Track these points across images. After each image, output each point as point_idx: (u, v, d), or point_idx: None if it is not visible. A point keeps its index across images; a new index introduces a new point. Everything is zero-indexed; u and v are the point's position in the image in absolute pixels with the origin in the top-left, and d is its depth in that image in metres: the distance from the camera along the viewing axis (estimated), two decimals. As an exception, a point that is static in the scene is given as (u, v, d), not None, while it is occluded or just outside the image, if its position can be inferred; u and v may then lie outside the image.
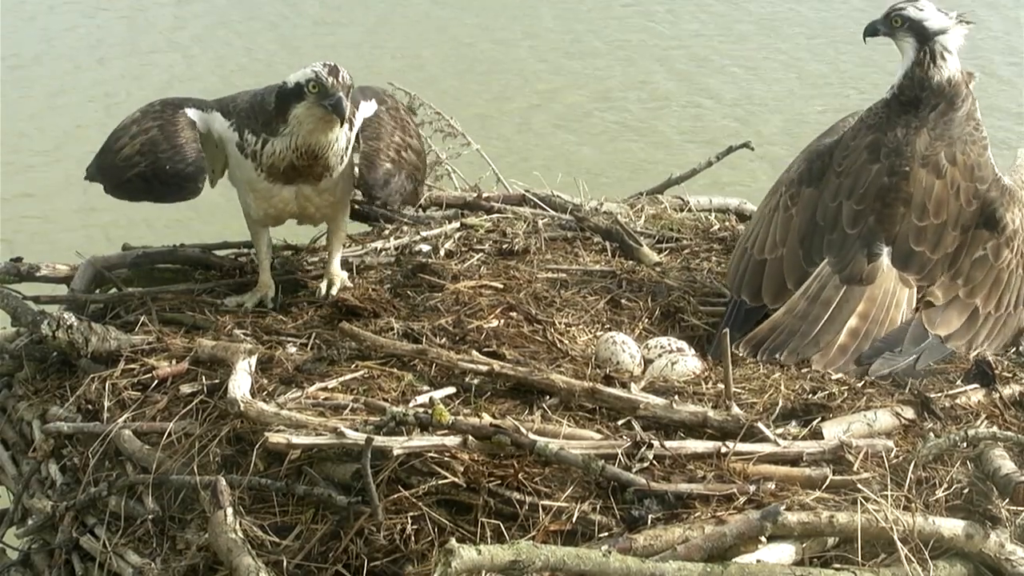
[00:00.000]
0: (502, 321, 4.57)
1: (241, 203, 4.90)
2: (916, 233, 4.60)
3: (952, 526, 3.53)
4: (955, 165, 4.62)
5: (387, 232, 5.67)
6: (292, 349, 4.36)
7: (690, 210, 6.14)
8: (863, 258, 4.59)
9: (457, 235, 5.54)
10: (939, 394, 4.12)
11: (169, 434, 3.98)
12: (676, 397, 3.97)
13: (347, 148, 4.70)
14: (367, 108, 4.84)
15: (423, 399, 3.90)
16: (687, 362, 4.39)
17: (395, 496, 3.52)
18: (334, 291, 4.86)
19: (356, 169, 4.82)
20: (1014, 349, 4.67)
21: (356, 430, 3.62)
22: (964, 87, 4.70)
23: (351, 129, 4.71)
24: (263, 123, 4.57)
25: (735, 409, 3.88)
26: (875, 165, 4.67)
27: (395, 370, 4.17)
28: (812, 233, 4.73)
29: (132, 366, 4.41)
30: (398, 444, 3.52)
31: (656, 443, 3.62)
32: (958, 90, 4.68)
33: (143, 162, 4.59)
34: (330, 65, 4.46)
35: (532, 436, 3.59)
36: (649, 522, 3.42)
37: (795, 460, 3.68)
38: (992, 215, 4.61)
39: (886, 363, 4.37)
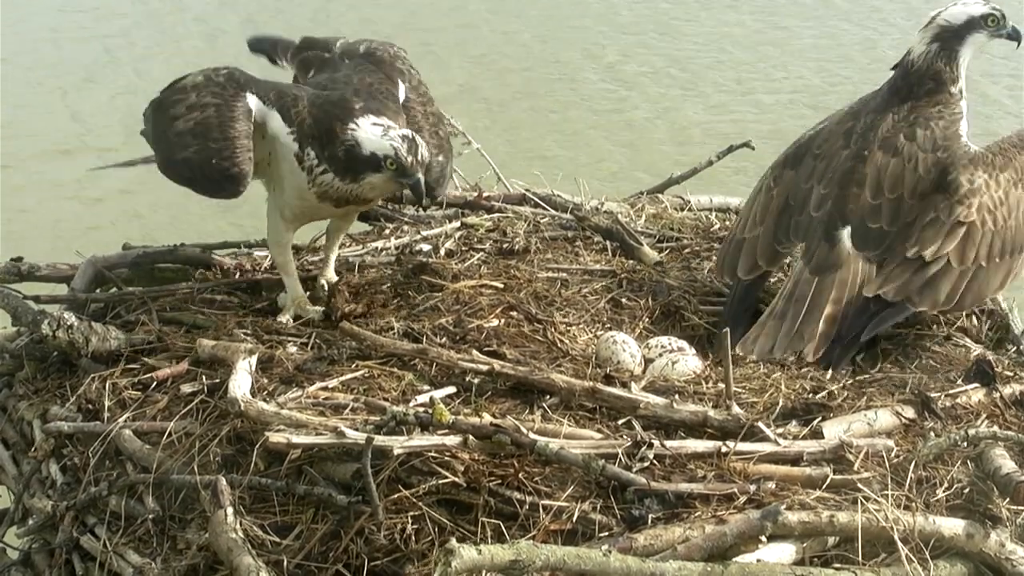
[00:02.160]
0: (502, 320, 4.57)
1: (275, 200, 4.74)
2: (871, 211, 4.66)
3: (952, 526, 3.53)
4: (913, 141, 4.70)
5: (387, 232, 5.67)
6: (292, 349, 4.36)
7: (691, 209, 6.14)
8: (825, 243, 4.67)
9: (457, 234, 5.54)
10: (939, 394, 4.12)
11: (169, 434, 3.98)
12: (676, 397, 3.97)
13: None
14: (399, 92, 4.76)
15: (423, 399, 3.90)
16: (687, 362, 4.39)
17: (395, 496, 3.52)
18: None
19: None
20: (1014, 348, 4.68)
21: (356, 430, 3.62)
22: (952, 84, 4.78)
23: None
24: (329, 155, 4.42)
25: (735, 409, 3.88)
26: (845, 151, 4.80)
27: (395, 370, 4.17)
28: (784, 213, 4.85)
29: (132, 366, 4.42)
30: (398, 444, 3.52)
31: (656, 443, 3.62)
32: (942, 84, 4.78)
33: (193, 145, 4.39)
34: (409, 139, 4.35)
35: (532, 436, 3.59)
36: (649, 522, 3.42)
37: (795, 460, 3.68)
38: (944, 177, 4.64)
39: (844, 353, 4.44)
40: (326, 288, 4.86)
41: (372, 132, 4.37)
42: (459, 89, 13.11)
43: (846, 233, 4.65)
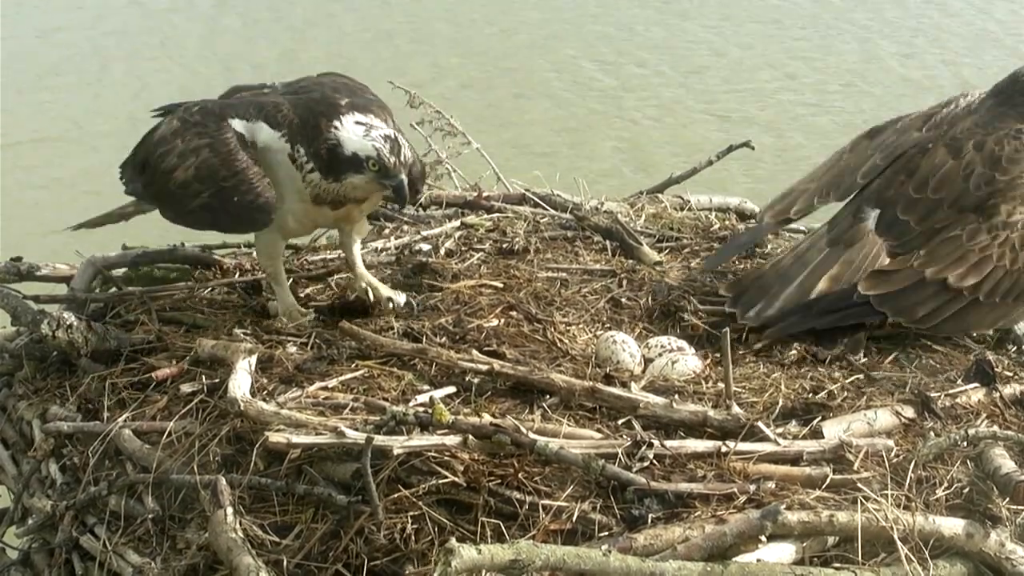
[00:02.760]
0: (502, 320, 4.57)
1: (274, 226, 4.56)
2: (907, 203, 4.64)
3: (952, 525, 3.53)
4: (980, 151, 4.62)
5: (387, 231, 5.67)
6: (292, 348, 4.35)
7: (690, 209, 6.14)
8: (850, 216, 4.69)
9: (457, 234, 5.54)
10: (939, 393, 4.12)
11: (169, 433, 3.98)
12: (676, 396, 3.97)
13: None
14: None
15: (423, 398, 3.90)
16: (687, 361, 4.39)
17: (395, 495, 3.52)
18: (399, 298, 4.67)
19: None
20: (1015, 348, 4.67)
21: (356, 429, 3.62)
22: None
23: None
24: (314, 152, 4.34)
25: (735, 408, 3.88)
26: (917, 135, 4.77)
27: (395, 369, 4.17)
28: (839, 174, 4.88)
29: (132, 366, 4.42)
30: (398, 443, 3.52)
31: (656, 442, 3.62)
32: None
33: (205, 191, 4.31)
34: (391, 140, 4.28)
35: (532, 435, 3.59)
36: (649, 521, 3.42)
37: (795, 459, 3.68)
38: (986, 200, 4.57)
39: (795, 327, 4.49)
40: (370, 292, 4.70)
41: (354, 132, 4.31)
42: (460, 89, 13.13)
43: (874, 215, 4.65)
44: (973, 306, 4.50)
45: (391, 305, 4.63)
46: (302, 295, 4.92)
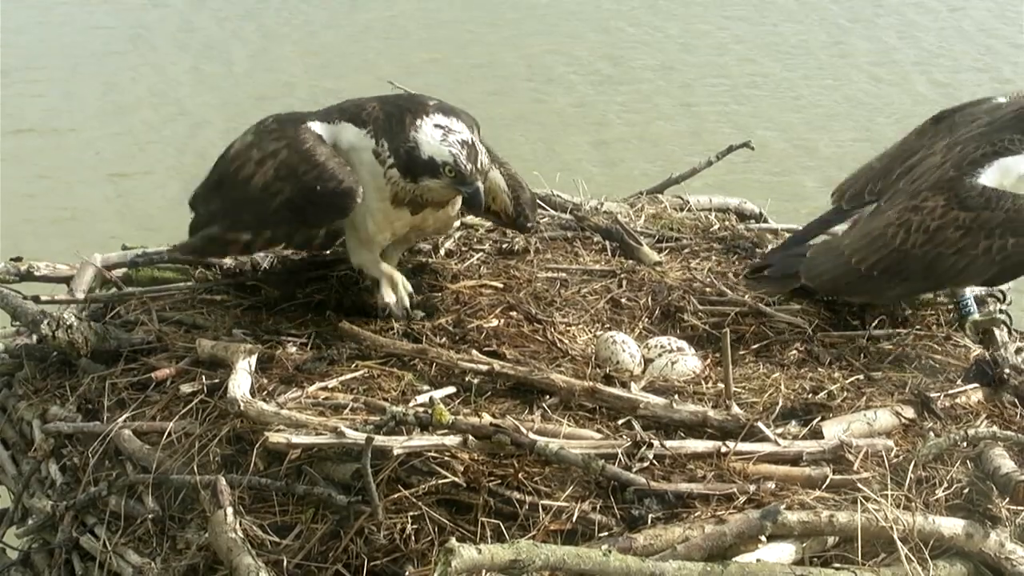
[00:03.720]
0: (502, 320, 4.57)
1: (355, 223, 4.52)
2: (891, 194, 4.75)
3: (952, 525, 3.53)
4: (958, 152, 4.62)
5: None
6: (292, 349, 4.35)
7: (690, 209, 6.13)
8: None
9: (457, 234, 5.53)
10: (939, 394, 4.12)
11: (169, 434, 3.98)
12: (676, 397, 3.97)
13: None
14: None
15: (423, 399, 3.90)
16: (687, 362, 4.39)
17: (395, 496, 3.52)
18: (396, 308, 4.56)
19: (494, 190, 4.65)
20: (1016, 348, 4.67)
21: (356, 430, 3.62)
22: None
23: None
24: (394, 149, 4.30)
25: (735, 408, 3.88)
26: (971, 132, 4.71)
27: (395, 369, 4.17)
28: (892, 160, 4.91)
29: (132, 366, 4.41)
30: (398, 444, 3.52)
31: (656, 443, 3.62)
32: None
33: (286, 187, 4.30)
34: (469, 146, 4.23)
35: (532, 436, 3.59)
36: (649, 521, 3.42)
37: (795, 460, 3.68)
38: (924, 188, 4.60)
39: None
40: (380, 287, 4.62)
41: (432, 136, 4.26)
42: (460, 87, 13.14)
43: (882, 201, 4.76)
44: (855, 276, 4.61)
45: (386, 311, 4.55)
46: (301, 296, 4.91)
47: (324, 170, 4.26)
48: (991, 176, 4.51)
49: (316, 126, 4.40)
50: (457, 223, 4.79)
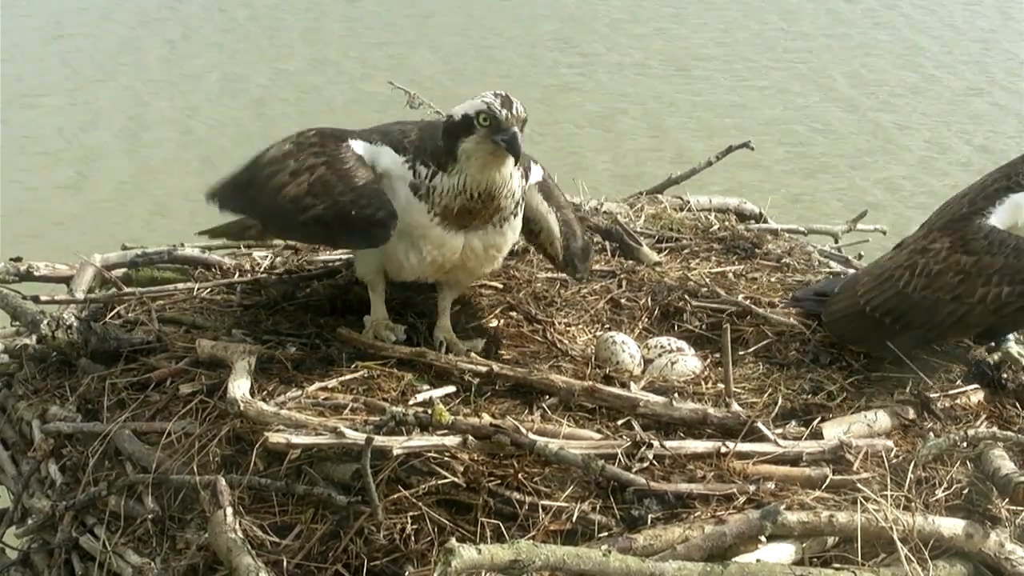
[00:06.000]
0: (502, 321, 4.57)
1: (385, 260, 4.38)
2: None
3: (952, 526, 3.54)
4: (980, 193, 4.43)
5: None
6: (292, 349, 4.35)
7: (690, 210, 6.14)
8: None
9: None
10: (939, 394, 4.12)
11: (169, 434, 3.98)
12: (676, 395, 3.96)
13: (520, 196, 4.29)
14: (536, 170, 4.48)
15: (423, 399, 3.90)
16: (686, 362, 4.39)
17: (395, 496, 3.52)
18: (477, 344, 4.46)
19: (546, 234, 4.53)
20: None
21: (356, 430, 3.62)
22: None
23: (524, 179, 4.31)
24: (431, 154, 4.15)
25: (735, 406, 3.88)
26: (1001, 168, 4.48)
27: (395, 370, 4.17)
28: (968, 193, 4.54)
29: (132, 366, 4.41)
30: (398, 444, 3.52)
31: (656, 443, 3.62)
32: None
33: (319, 204, 4.14)
34: (502, 95, 4.03)
35: (532, 436, 3.59)
36: (649, 522, 3.42)
37: (795, 460, 3.69)
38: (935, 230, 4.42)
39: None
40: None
41: (465, 103, 4.10)
42: (460, 88, 13.15)
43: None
44: (862, 318, 4.41)
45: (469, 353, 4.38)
46: (301, 295, 4.91)
47: (362, 195, 4.13)
48: (1002, 214, 4.28)
49: (358, 145, 4.27)
50: (504, 253, 4.48)
